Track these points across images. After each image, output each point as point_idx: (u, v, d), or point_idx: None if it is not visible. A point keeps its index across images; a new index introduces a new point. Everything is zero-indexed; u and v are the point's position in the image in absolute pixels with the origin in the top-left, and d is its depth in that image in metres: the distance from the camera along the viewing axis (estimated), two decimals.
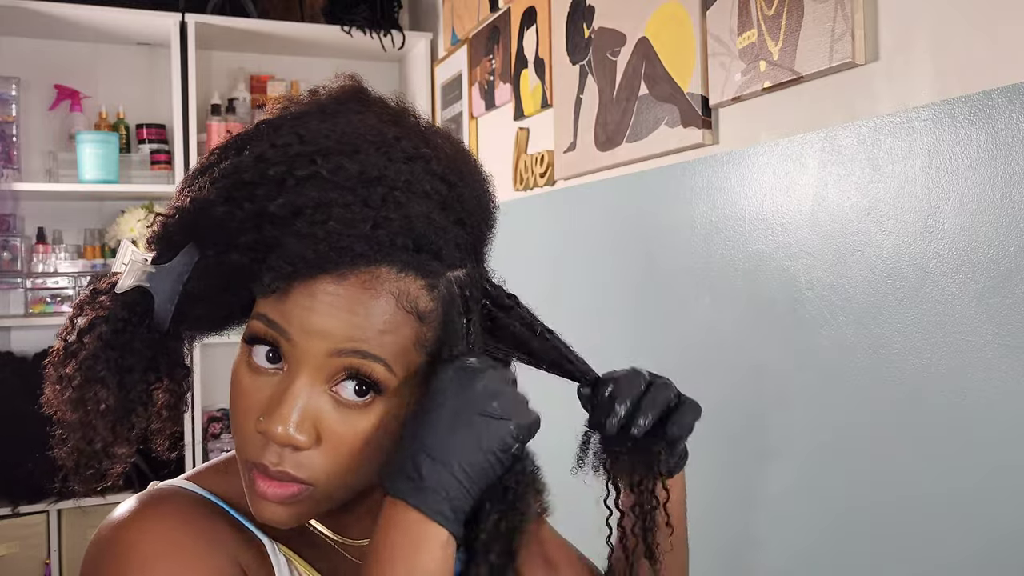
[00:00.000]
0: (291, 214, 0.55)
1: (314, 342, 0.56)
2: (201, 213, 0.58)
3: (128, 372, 0.60)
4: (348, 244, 0.55)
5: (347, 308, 0.56)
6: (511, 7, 1.99)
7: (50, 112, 2.58)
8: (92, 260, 2.56)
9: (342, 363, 0.56)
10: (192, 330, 0.63)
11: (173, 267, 0.59)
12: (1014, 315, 0.84)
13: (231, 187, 0.57)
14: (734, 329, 1.25)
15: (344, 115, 0.61)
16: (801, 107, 1.13)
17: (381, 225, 0.56)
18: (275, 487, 0.57)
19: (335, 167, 0.56)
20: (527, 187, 1.91)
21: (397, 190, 0.57)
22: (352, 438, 0.57)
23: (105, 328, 0.59)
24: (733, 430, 1.27)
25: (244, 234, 0.56)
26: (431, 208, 0.59)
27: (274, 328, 0.57)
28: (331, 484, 0.58)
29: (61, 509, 2.37)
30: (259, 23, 2.58)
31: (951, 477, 0.91)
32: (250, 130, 0.61)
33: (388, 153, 0.59)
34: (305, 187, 0.56)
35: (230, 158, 0.59)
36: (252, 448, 0.57)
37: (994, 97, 0.86)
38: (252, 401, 0.58)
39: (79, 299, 0.62)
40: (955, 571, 0.91)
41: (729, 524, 1.27)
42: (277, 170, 0.57)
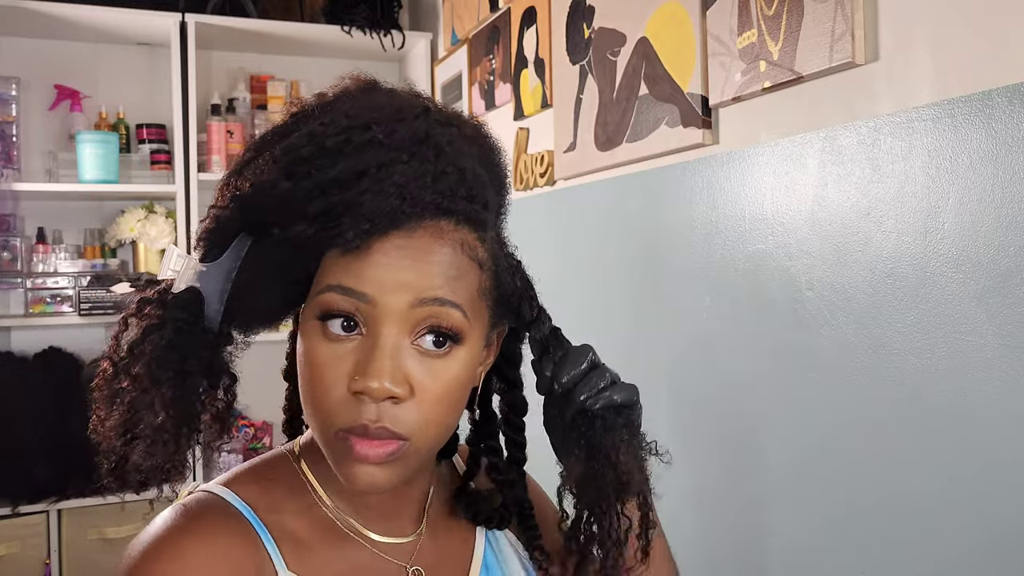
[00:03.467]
0: (356, 177, 0.57)
1: (396, 296, 0.58)
2: (263, 193, 0.59)
3: (189, 375, 0.60)
4: (418, 195, 0.58)
5: (421, 259, 0.59)
6: (511, 7, 1.99)
7: (50, 112, 2.58)
8: (92, 260, 2.56)
9: (423, 313, 0.59)
10: (242, 327, 0.63)
11: (223, 263, 0.60)
12: (1014, 315, 0.84)
13: (291, 163, 0.59)
14: (734, 329, 1.25)
15: (373, 95, 0.64)
16: (801, 107, 1.13)
17: (440, 178, 0.59)
18: (376, 447, 0.58)
19: (388, 131, 0.59)
20: (527, 187, 1.91)
21: (446, 147, 0.61)
22: (439, 387, 0.60)
23: (166, 331, 0.59)
24: (733, 430, 1.27)
25: (312, 203, 0.57)
26: (475, 164, 0.63)
27: (350, 294, 0.58)
28: (424, 437, 0.60)
29: (61, 509, 2.37)
30: (259, 23, 2.58)
31: (951, 476, 0.91)
32: (286, 122, 0.63)
33: (426, 120, 0.62)
34: (364, 152, 0.58)
35: (275, 145, 0.61)
36: (345, 414, 0.58)
37: (994, 97, 0.86)
38: (338, 370, 0.59)
39: (124, 314, 0.62)
40: (954, 568, 0.91)
41: (729, 523, 1.27)
42: (334, 140, 0.59)
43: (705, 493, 1.32)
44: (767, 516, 1.20)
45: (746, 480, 1.24)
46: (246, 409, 2.67)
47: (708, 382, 1.31)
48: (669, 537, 0.81)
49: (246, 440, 2.59)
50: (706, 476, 1.32)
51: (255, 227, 0.59)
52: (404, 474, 0.61)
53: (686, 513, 1.34)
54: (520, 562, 0.76)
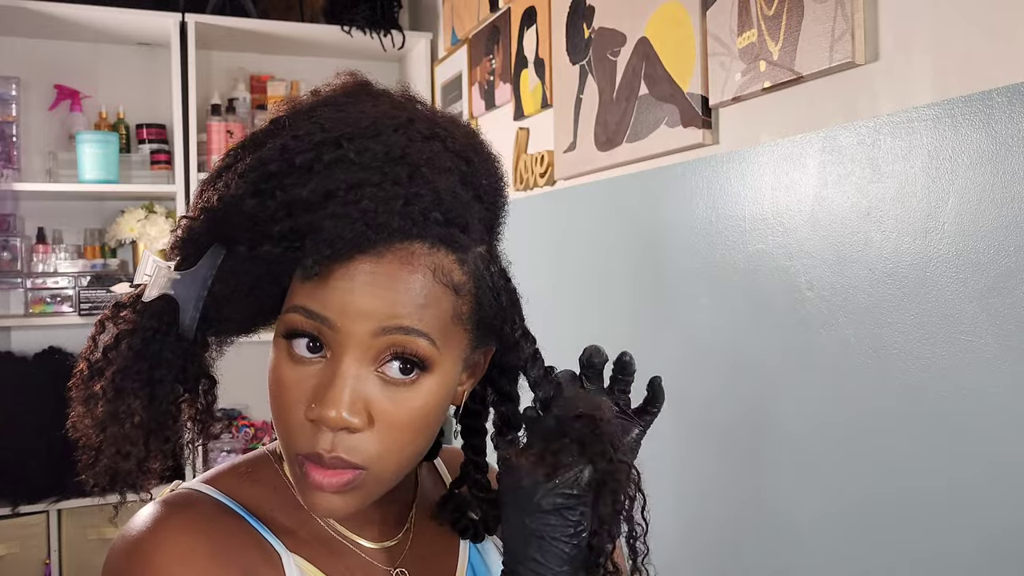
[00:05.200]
0: (323, 197, 0.56)
1: (358, 323, 0.56)
2: (230, 209, 0.58)
3: (159, 383, 0.59)
4: (384, 220, 0.56)
5: (387, 285, 0.56)
6: (511, 7, 1.99)
7: (50, 112, 2.58)
8: (92, 260, 2.56)
9: (387, 342, 0.57)
10: (218, 335, 0.63)
11: (198, 271, 0.59)
12: (1014, 315, 0.84)
13: (258, 179, 0.57)
14: (734, 329, 1.25)
15: (357, 104, 0.61)
16: (801, 107, 1.13)
17: (412, 201, 0.57)
18: (330, 476, 0.57)
19: (361, 148, 0.57)
20: (527, 187, 1.91)
21: (422, 167, 0.58)
22: (403, 417, 0.58)
23: (135, 339, 0.59)
24: (733, 430, 1.27)
25: (277, 223, 0.56)
26: (454, 183, 0.60)
27: (314, 318, 0.57)
28: (384, 466, 0.59)
29: (61, 509, 2.37)
30: (259, 23, 2.58)
31: (951, 475, 0.91)
32: (264, 128, 0.62)
33: (407, 133, 0.59)
34: (334, 171, 0.56)
35: (248, 156, 0.60)
36: (302, 439, 0.58)
37: (994, 97, 0.86)
38: (298, 392, 0.58)
39: (100, 317, 0.61)
40: (955, 567, 0.91)
41: (729, 522, 1.27)
42: (304, 157, 0.57)
43: (705, 493, 1.32)
44: (767, 516, 1.19)
45: (746, 480, 1.24)
46: (246, 409, 2.67)
47: (708, 382, 1.31)
48: (665, 535, 0.81)
49: (246, 440, 2.59)
50: (706, 476, 1.32)
51: (225, 241, 0.58)
52: (365, 501, 0.60)
53: (686, 513, 1.34)
54: None
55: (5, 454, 2.30)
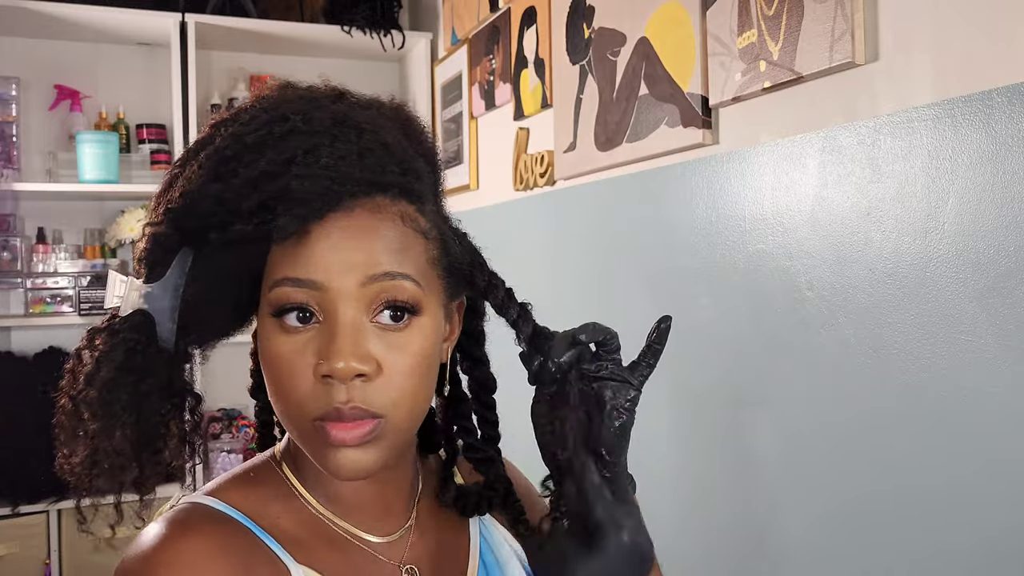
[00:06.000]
0: (284, 165, 0.58)
1: (344, 277, 0.58)
2: (194, 200, 0.58)
3: (146, 397, 0.59)
4: (347, 172, 0.58)
5: (363, 236, 0.59)
6: (511, 7, 1.99)
7: (50, 112, 2.58)
8: (92, 260, 2.56)
9: (375, 289, 0.59)
10: (199, 341, 0.63)
11: (168, 280, 0.59)
12: (1014, 315, 0.84)
13: (217, 165, 0.59)
14: (734, 329, 1.25)
15: (288, 91, 0.64)
16: (801, 107, 1.13)
17: (365, 155, 0.60)
18: (351, 428, 0.58)
19: (307, 118, 0.60)
20: (527, 187, 1.91)
21: (366, 125, 0.61)
22: (406, 360, 0.60)
23: (116, 354, 0.58)
24: (733, 430, 1.27)
25: (244, 200, 0.57)
26: (399, 138, 0.63)
27: (301, 284, 0.58)
28: (399, 412, 0.60)
29: (61, 509, 2.37)
30: (259, 23, 2.58)
31: (951, 475, 0.91)
32: (205, 133, 0.63)
33: (344, 103, 0.63)
34: (287, 140, 0.59)
35: (197, 156, 0.61)
36: (316, 402, 0.58)
37: (994, 97, 0.86)
38: (301, 360, 0.59)
39: (76, 348, 0.61)
40: (955, 566, 0.91)
41: (729, 522, 1.28)
42: (256, 136, 0.59)
43: (705, 493, 1.32)
44: (767, 515, 1.20)
45: (746, 480, 1.24)
46: (246, 409, 2.67)
47: (708, 382, 1.31)
48: (667, 535, 0.81)
49: (246, 440, 2.59)
50: (706, 476, 1.32)
51: (193, 237, 0.59)
52: (386, 455, 0.61)
53: (685, 512, 1.34)
54: (518, 559, 0.75)
55: (5, 454, 2.30)
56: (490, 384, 0.74)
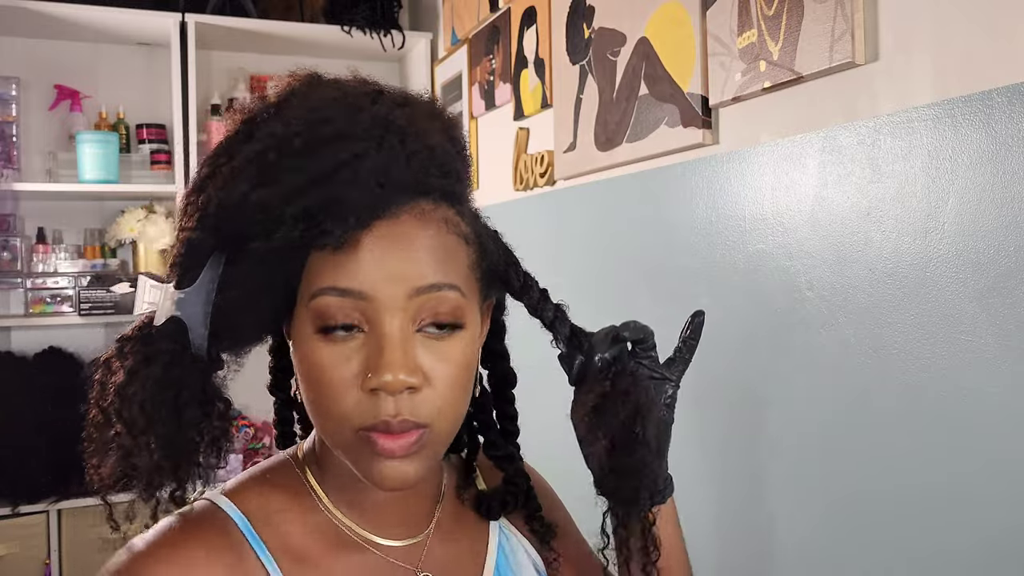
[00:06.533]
0: (331, 172, 0.56)
1: (392, 288, 0.57)
2: (236, 207, 0.57)
3: (185, 407, 0.58)
4: (396, 178, 0.57)
5: (410, 246, 0.58)
6: (511, 7, 1.99)
7: (50, 112, 2.58)
8: (92, 260, 2.56)
9: (422, 301, 0.58)
10: (230, 348, 0.62)
11: (200, 286, 0.57)
12: (1014, 315, 0.84)
13: (259, 171, 0.57)
14: (734, 329, 1.25)
15: (321, 89, 0.62)
16: (801, 107, 1.12)
17: (411, 159, 0.59)
18: (399, 438, 0.57)
19: (352, 121, 0.58)
20: (527, 187, 1.91)
21: (409, 128, 0.60)
22: (451, 370, 0.59)
23: (154, 368, 0.57)
24: (733, 430, 1.27)
25: (290, 206, 0.56)
26: (441, 139, 0.62)
27: (346, 294, 0.57)
28: (444, 421, 0.60)
29: (61, 509, 2.37)
30: (259, 23, 2.58)
31: (950, 476, 0.91)
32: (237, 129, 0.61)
33: (383, 102, 0.61)
34: (332, 146, 0.57)
35: (231, 157, 0.59)
36: (362, 414, 0.57)
37: (994, 97, 0.86)
38: (346, 370, 0.58)
39: (103, 358, 0.60)
40: (954, 566, 0.91)
41: (729, 522, 1.28)
42: (300, 140, 0.57)
43: (704, 492, 1.32)
44: (767, 515, 1.20)
45: (746, 479, 1.24)
46: (246, 409, 2.67)
47: (708, 382, 1.31)
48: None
49: (246, 440, 2.59)
50: (706, 476, 1.32)
51: (230, 243, 0.57)
52: (429, 464, 0.61)
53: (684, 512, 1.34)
54: (534, 567, 0.75)
55: (5, 454, 2.30)
56: (511, 379, 0.74)
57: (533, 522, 0.75)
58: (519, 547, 0.75)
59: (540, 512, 0.75)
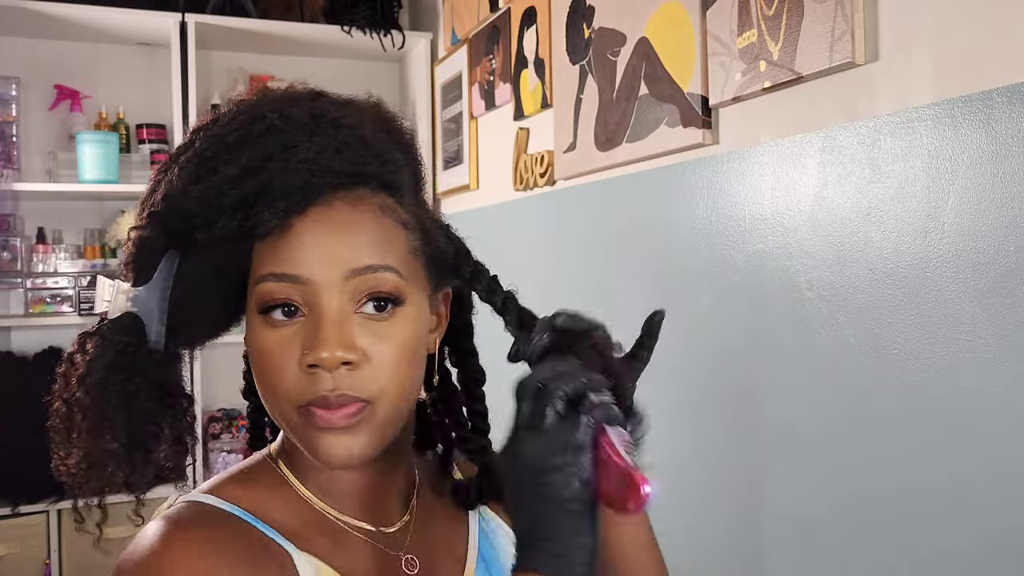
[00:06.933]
0: (263, 161, 0.59)
1: (327, 270, 0.59)
2: (178, 201, 0.59)
3: (134, 396, 0.59)
4: (327, 165, 0.60)
5: (345, 229, 0.60)
6: (511, 7, 1.99)
7: (50, 112, 2.58)
8: (92, 260, 2.56)
9: (358, 283, 0.60)
10: (189, 342, 0.64)
11: (155, 283, 0.59)
12: (1014, 315, 0.84)
13: (197, 168, 0.60)
14: (734, 329, 1.25)
15: (265, 95, 0.66)
16: (801, 107, 1.13)
17: (343, 148, 0.61)
18: (339, 411, 0.59)
19: (285, 116, 0.61)
20: (527, 187, 1.91)
21: (344, 120, 0.62)
22: (392, 350, 0.60)
23: (107, 355, 0.58)
24: (733, 430, 1.27)
25: (226, 196, 0.58)
26: (376, 131, 0.64)
27: (284, 279, 0.59)
28: (387, 398, 0.60)
29: (61, 509, 2.37)
30: (259, 23, 2.58)
31: (951, 475, 0.91)
32: (185, 140, 0.64)
33: (321, 101, 0.64)
34: (266, 138, 0.60)
35: (181, 157, 0.62)
36: (302, 391, 0.59)
37: (994, 97, 0.86)
38: (287, 351, 0.60)
39: (68, 353, 0.61)
40: (954, 566, 0.91)
41: (728, 522, 1.28)
42: (235, 135, 0.61)
43: (704, 492, 1.32)
44: (767, 515, 1.20)
45: (746, 479, 1.24)
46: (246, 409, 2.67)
47: (708, 382, 1.31)
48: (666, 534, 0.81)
49: (246, 440, 2.59)
50: (706, 475, 1.32)
51: (178, 239, 0.59)
52: (375, 441, 0.61)
53: (685, 512, 1.34)
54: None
55: (5, 454, 2.30)
56: (479, 376, 0.75)
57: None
58: (499, 528, 0.76)
59: None
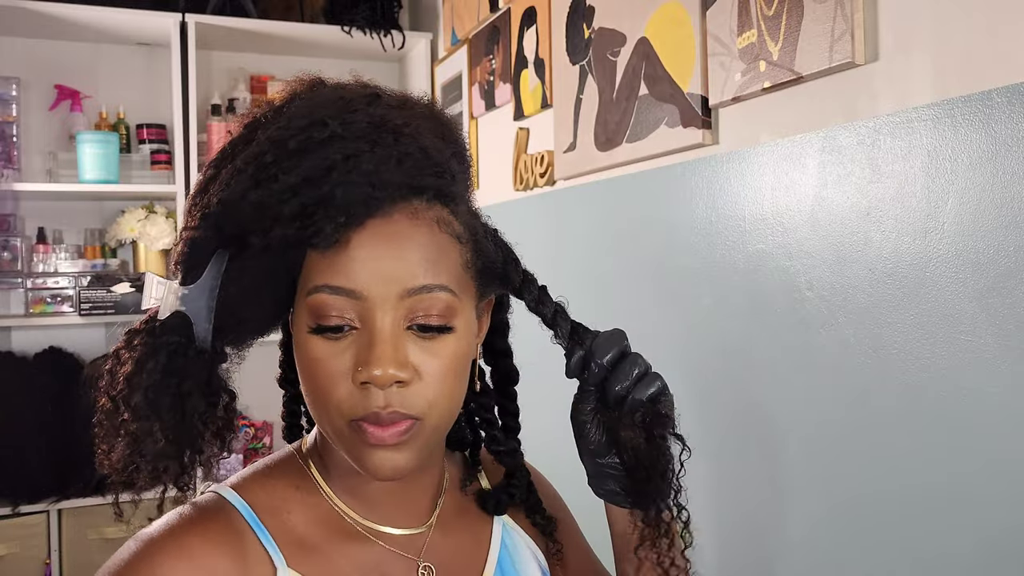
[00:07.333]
0: (325, 171, 0.58)
1: (384, 287, 0.59)
2: (234, 206, 0.59)
3: (188, 397, 0.60)
4: (387, 178, 0.59)
5: (402, 244, 0.60)
6: (511, 7, 1.99)
7: (50, 112, 2.58)
8: (92, 260, 2.57)
9: (413, 302, 0.60)
10: (234, 342, 0.64)
11: (204, 281, 0.60)
12: (1014, 315, 0.84)
13: (256, 172, 0.59)
14: (734, 329, 1.25)
15: (322, 91, 0.65)
16: (801, 107, 1.13)
17: (404, 159, 0.60)
18: (389, 429, 0.59)
19: (346, 123, 0.60)
20: (527, 187, 1.91)
21: (404, 129, 0.61)
22: (442, 365, 0.61)
23: (160, 357, 0.59)
24: (733, 430, 1.27)
25: (285, 205, 0.58)
26: (435, 140, 0.64)
27: (339, 292, 0.59)
28: (436, 413, 0.61)
29: (61, 509, 2.37)
30: (259, 23, 2.58)
31: (951, 475, 0.91)
32: (240, 133, 0.63)
33: (379, 105, 0.63)
34: (327, 146, 0.59)
35: (232, 160, 0.61)
36: (353, 406, 0.59)
37: (994, 97, 0.86)
38: (339, 365, 0.60)
39: (114, 348, 0.61)
40: (954, 566, 0.91)
41: (728, 522, 1.28)
42: (296, 141, 0.59)
43: (704, 492, 1.32)
44: (767, 515, 1.20)
45: (745, 480, 1.24)
46: (246, 409, 2.67)
47: (708, 382, 1.31)
48: None
49: (246, 440, 2.59)
50: (705, 475, 1.32)
51: (231, 241, 0.59)
52: (421, 454, 0.62)
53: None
54: (538, 565, 0.75)
55: (5, 454, 2.30)
56: (513, 376, 0.76)
57: (535, 516, 0.76)
58: (521, 542, 0.76)
59: (542, 506, 0.76)
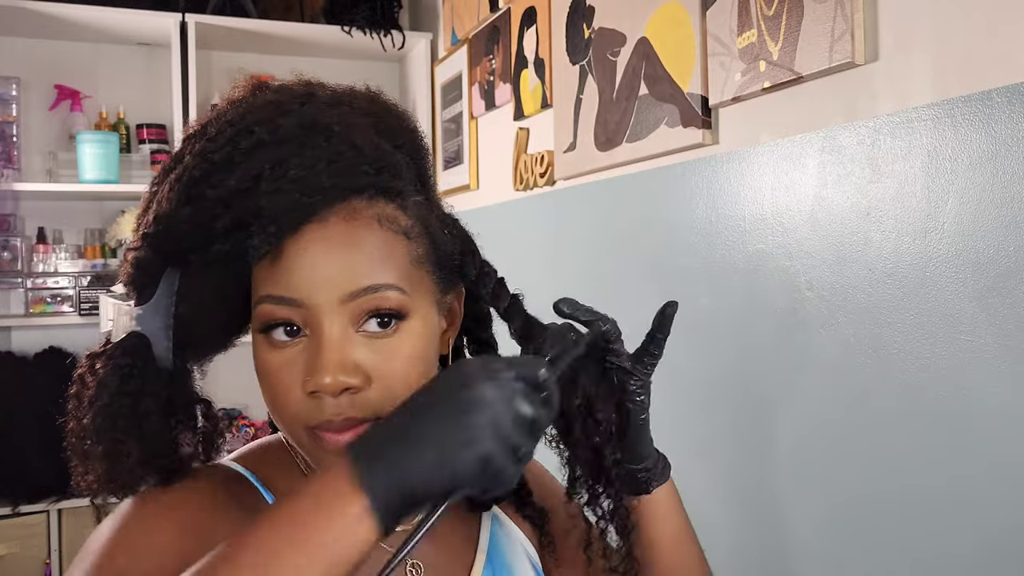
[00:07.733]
0: (252, 182, 0.57)
1: (324, 294, 0.57)
2: (169, 224, 0.58)
3: (145, 417, 0.59)
4: (316, 183, 0.57)
5: (340, 249, 0.58)
6: (511, 7, 1.99)
7: (50, 112, 2.58)
8: (92, 260, 2.57)
9: (358, 304, 0.58)
10: (196, 357, 0.63)
11: (158, 301, 0.59)
12: (1014, 315, 0.84)
13: (185, 188, 0.58)
14: (734, 329, 1.25)
15: (257, 96, 0.63)
16: (801, 107, 1.13)
17: (335, 159, 0.58)
18: (346, 434, 0.58)
19: (272, 128, 0.59)
20: (527, 187, 1.91)
21: (335, 127, 0.60)
22: (397, 367, 0.59)
23: (112, 379, 0.58)
24: (733, 430, 1.27)
25: (217, 220, 0.57)
26: (371, 136, 0.62)
27: (282, 302, 0.58)
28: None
29: (61, 509, 2.37)
30: (259, 23, 2.58)
31: (951, 475, 0.91)
32: (178, 149, 0.63)
33: (312, 105, 0.61)
34: (254, 155, 0.58)
35: (171, 172, 0.61)
36: (308, 414, 0.58)
37: (994, 97, 0.86)
38: (289, 373, 0.59)
39: (78, 372, 0.61)
40: (954, 566, 0.91)
41: (728, 522, 1.28)
42: (222, 153, 0.58)
43: (705, 492, 1.32)
44: (766, 516, 1.20)
45: (745, 480, 1.24)
46: (246, 409, 2.67)
47: (708, 382, 1.31)
48: None
49: (246, 440, 2.60)
50: (706, 475, 1.32)
51: (173, 259, 0.59)
52: None
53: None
54: (528, 560, 0.75)
55: (5, 454, 2.30)
56: None
57: (525, 508, 0.75)
58: (515, 542, 0.75)
59: (532, 498, 0.76)
